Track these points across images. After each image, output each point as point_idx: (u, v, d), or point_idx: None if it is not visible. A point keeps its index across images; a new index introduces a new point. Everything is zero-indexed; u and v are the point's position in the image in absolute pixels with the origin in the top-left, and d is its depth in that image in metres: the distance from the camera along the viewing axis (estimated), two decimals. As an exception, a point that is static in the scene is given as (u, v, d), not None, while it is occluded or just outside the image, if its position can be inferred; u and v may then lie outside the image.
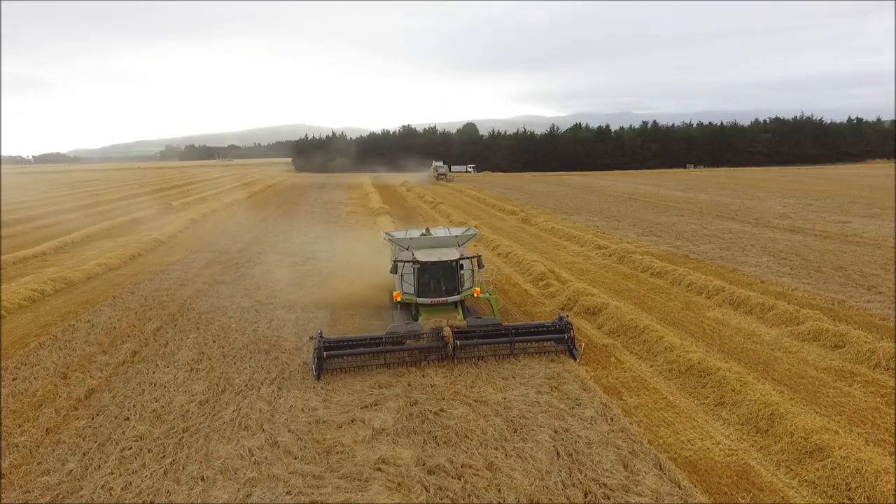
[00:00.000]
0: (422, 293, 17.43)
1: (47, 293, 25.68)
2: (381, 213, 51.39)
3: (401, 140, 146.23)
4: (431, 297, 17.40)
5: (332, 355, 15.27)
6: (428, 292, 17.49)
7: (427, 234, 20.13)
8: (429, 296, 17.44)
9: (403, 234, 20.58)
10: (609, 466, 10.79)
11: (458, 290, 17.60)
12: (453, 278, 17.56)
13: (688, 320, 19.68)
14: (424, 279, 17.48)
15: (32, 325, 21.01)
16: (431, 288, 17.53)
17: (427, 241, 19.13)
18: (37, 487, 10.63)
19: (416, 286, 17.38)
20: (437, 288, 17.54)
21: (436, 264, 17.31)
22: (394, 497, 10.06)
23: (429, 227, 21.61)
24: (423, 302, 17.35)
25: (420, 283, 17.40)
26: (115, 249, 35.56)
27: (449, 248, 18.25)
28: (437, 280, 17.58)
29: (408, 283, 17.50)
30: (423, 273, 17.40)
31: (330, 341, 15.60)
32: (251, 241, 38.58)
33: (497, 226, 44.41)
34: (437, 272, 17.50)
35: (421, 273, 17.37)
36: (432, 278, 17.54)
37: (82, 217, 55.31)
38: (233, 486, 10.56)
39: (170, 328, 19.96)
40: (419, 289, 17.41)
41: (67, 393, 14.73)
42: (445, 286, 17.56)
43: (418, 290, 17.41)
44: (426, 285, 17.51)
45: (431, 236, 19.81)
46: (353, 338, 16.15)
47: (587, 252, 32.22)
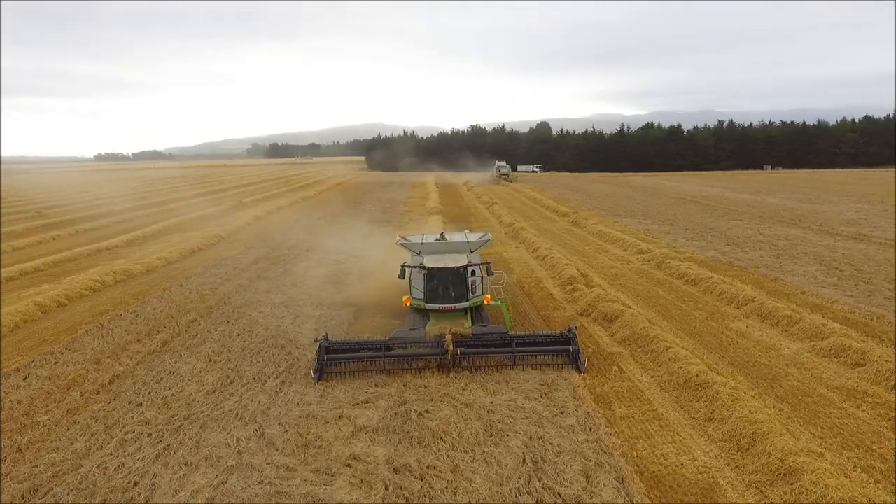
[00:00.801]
0: (430, 299, 17.32)
1: (108, 284, 27.58)
2: (435, 212, 51.91)
3: (469, 139, 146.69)
4: (439, 303, 17.26)
5: (332, 359, 15.54)
6: (436, 298, 17.33)
7: (441, 239, 20.00)
8: (437, 301, 17.29)
9: (419, 238, 20.45)
10: (570, 476, 10.74)
11: (466, 296, 17.37)
12: (462, 285, 17.34)
13: (708, 331, 19.06)
14: (433, 285, 17.33)
15: (87, 313, 22.68)
16: (440, 294, 17.35)
17: (438, 246, 19.09)
18: (43, 463, 11.64)
19: (425, 291, 17.32)
20: (445, 294, 17.36)
21: (443, 270, 17.24)
22: (353, 493, 10.41)
23: (443, 231, 21.49)
24: (430, 308, 17.33)
25: (428, 288, 17.30)
26: (178, 244, 37.66)
27: (459, 254, 18.08)
28: (446, 286, 17.38)
29: (417, 289, 17.55)
30: (430, 279, 17.30)
31: (334, 344, 15.85)
32: (303, 239, 39.89)
33: (545, 227, 44.05)
34: (445, 278, 17.30)
35: (429, 279, 17.27)
36: (441, 284, 17.34)
37: (159, 212, 58.71)
38: (212, 472, 11.20)
39: (203, 321, 21.09)
40: (427, 294, 17.32)
41: (95, 378, 15.93)
42: (454, 292, 17.38)
43: (426, 295, 17.33)
44: (435, 291, 17.34)
45: (443, 242, 19.68)
46: (355, 342, 16.29)
47: (628, 256, 31.55)
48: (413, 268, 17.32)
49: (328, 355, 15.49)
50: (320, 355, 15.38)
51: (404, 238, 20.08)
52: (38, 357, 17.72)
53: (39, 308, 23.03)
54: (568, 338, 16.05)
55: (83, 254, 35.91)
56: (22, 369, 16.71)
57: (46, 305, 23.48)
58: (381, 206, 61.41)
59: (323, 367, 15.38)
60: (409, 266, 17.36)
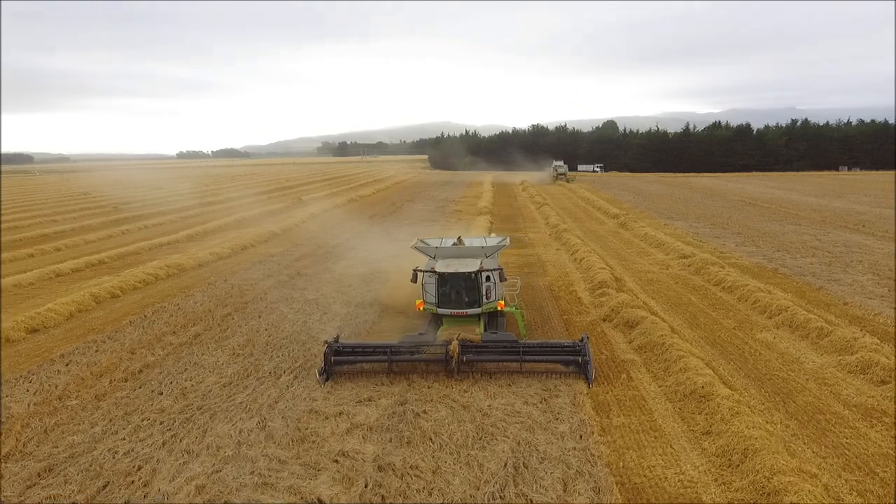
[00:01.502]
0: (442, 304, 17.13)
1: (160, 277, 29.08)
2: (483, 213, 51.91)
3: (530, 138, 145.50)
4: (451, 309, 17.09)
5: (339, 361, 15.63)
6: (448, 303, 17.12)
7: (459, 244, 19.81)
8: (449, 307, 17.10)
9: (438, 242, 20.18)
10: (548, 484, 10.70)
11: (479, 302, 17.07)
12: (474, 290, 17.02)
13: (731, 341, 18.43)
14: (445, 290, 17.08)
15: (135, 305, 24.04)
16: (452, 299, 17.11)
17: (452, 250, 18.80)
18: (63, 444, 12.52)
19: (437, 296, 17.13)
20: (457, 299, 17.10)
21: (454, 275, 16.95)
22: (334, 488, 10.72)
23: (461, 235, 21.08)
24: (442, 312, 17.16)
25: (440, 293, 17.10)
26: (231, 240, 39.20)
27: (472, 259, 17.61)
28: (458, 291, 17.10)
29: (429, 293, 17.38)
30: (442, 283, 17.06)
31: (343, 347, 15.93)
32: (350, 237, 40.78)
33: (592, 229, 43.39)
34: (458, 283, 17.02)
35: (440, 283, 17.06)
36: (453, 289, 17.07)
37: (224, 209, 61.16)
38: (210, 461, 11.75)
39: (237, 315, 21.99)
40: (439, 299, 17.13)
41: (126, 367, 16.93)
42: (466, 298, 17.11)
43: (438, 300, 17.14)
44: (447, 296, 17.10)
45: (458, 246, 19.43)
46: (363, 344, 16.47)
47: (669, 261, 30.73)
48: (424, 272, 17.22)
49: (334, 357, 15.58)
50: (327, 357, 15.50)
51: (423, 241, 19.83)
52: (81, 345, 18.97)
53: (94, 298, 24.56)
54: (578, 348, 15.49)
55: (146, 248, 37.93)
56: (66, 356, 17.93)
57: (101, 296, 25.02)
58: (432, 206, 61.91)
59: (330, 369, 15.53)
60: (421, 270, 17.26)
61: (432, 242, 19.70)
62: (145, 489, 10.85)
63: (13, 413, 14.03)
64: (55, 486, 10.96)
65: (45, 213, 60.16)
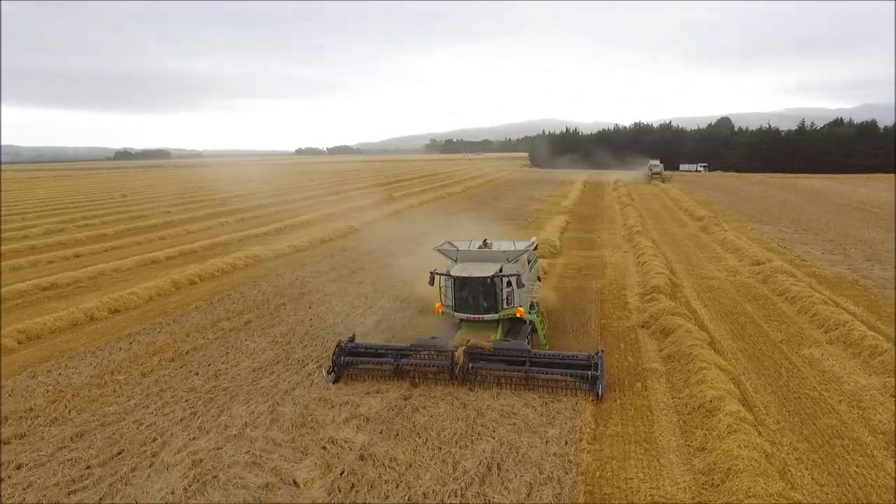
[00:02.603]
0: (459, 308, 16.72)
1: (238, 267, 31.16)
2: (563, 212, 51.08)
3: (631, 136, 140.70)
4: (467, 313, 16.64)
5: (347, 361, 15.66)
6: (466, 308, 16.63)
7: (484, 247, 19.17)
8: (466, 311, 16.64)
9: (466, 244, 19.40)
10: (514, 487, 10.69)
11: (496, 308, 16.44)
12: (491, 296, 16.35)
13: (772, 355, 17.30)
14: (462, 294, 16.59)
15: (207, 292, 25.98)
16: (469, 304, 16.59)
17: (473, 254, 18.06)
18: (99, 413, 13.96)
19: (454, 300, 16.73)
20: (475, 304, 16.55)
21: (469, 280, 16.37)
22: (312, 473, 11.29)
23: (486, 238, 20.17)
24: (459, 317, 16.86)
25: (457, 297, 16.66)
26: (313, 233, 41.16)
27: (490, 264, 16.88)
28: (475, 296, 16.51)
29: (446, 297, 16.96)
30: (460, 288, 16.57)
31: (356, 347, 16.01)
32: (424, 234, 41.33)
33: (670, 231, 41.63)
34: (476, 288, 16.40)
35: (457, 288, 16.59)
36: (471, 294, 16.52)
37: (318, 203, 64.08)
38: (215, 438, 12.71)
39: (291, 305, 23.25)
40: (456, 303, 16.73)
41: (177, 348, 18.46)
42: (484, 303, 16.48)
43: (455, 304, 16.75)
44: (464, 300, 16.61)
45: (478, 250, 18.60)
46: (374, 345, 16.42)
47: (740, 267, 29.02)
48: (441, 275, 16.78)
49: (345, 357, 15.64)
50: (336, 358, 15.55)
51: (451, 243, 19.28)
52: (149, 326, 20.86)
53: (174, 285, 26.80)
54: (591, 362, 14.63)
55: (236, 239, 40.63)
56: (132, 335, 19.81)
57: (181, 283, 27.25)
58: (516, 204, 61.66)
59: (340, 370, 15.58)
60: (438, 273, 16.80)
61: (460, 245, 19.22)
62: (152, 459, 11.93)
63: (72, 383, 15.80)
64: (80, 450, 12.30)
65: (161, 205, 65.65)
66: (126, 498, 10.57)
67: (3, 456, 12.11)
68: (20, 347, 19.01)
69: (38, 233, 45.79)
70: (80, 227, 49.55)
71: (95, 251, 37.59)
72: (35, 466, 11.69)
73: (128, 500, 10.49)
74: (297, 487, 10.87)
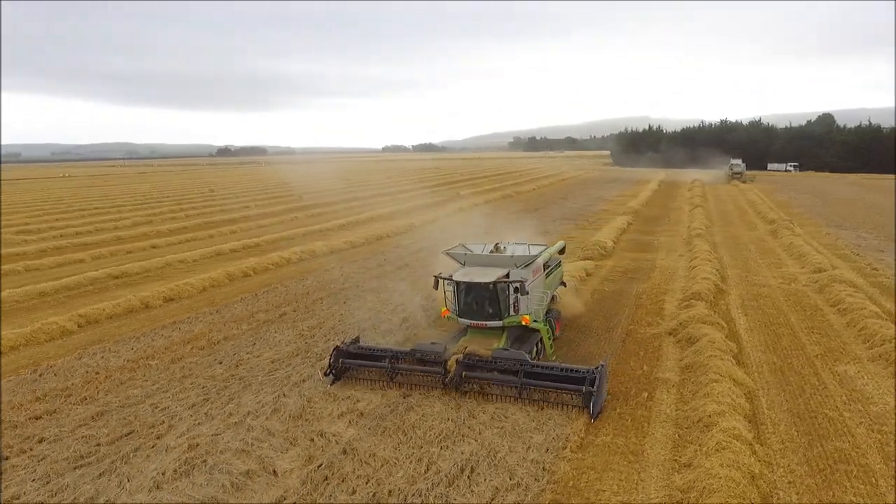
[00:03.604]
0: (462, 313, 16.17)
1: (292, 261, 32.38)
2: (627, 213, 49.57)
3: (717, 134, 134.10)
4: (471, 319, 16.06)
5: (346, 364, 15.49)
6: (469, 313, 16.06)
7: (495, 251, 17.99)
8: (469, 317, 16.07)
9: (481, 247, 18.33)
10: (479, 490, 10.63)
11: (499, 314, 15.82)
12: (495, 302, 15.73)
13: (800, 370, 16.19)
14: (466, 299, 16.06)
15: (256, 284, 27.19)
16: (473, 309, 16.01)
17: (481, 258, 17.13)
18: (122, 395, 15.00)
19: (457, 305, 16.22)
20: (479, 310, 15.96)
21: (469, 285, 15.81)
22: (292, 463, 11.69)
23: (499, 242, 18.58)
24: (463, 322, 16.34)
25: (462, 302, 16.12)
26: (372, 230, 42.06)
27: (494, 269, 15.96)
28: (479, 302, 15.93)
29: (450, 301, 16.45)
30: (463, 293, 16.03)
31: (361, 348, 15.80)
32: (476, 233, 41.13)
33: (735, 235, 39.54)
34: (480, 293, 15.82)
35: (459, 292, 16.04)
36: (475, 299, 15.95)
37: (389, 199, 65.22)
38: (217, 425, 13.36)
39: (327, 300, 23.94)
40: (460, 308, 16.20)
41: (210, 337, 19.48)
42: (488, 309, 15.87)
43: (459, 309, 16.23)
44: (469, 306, 16.05)
45: (485, 254, 17.46)
46: (372, 348, 16.00)
47: (799, 274, 27.23)
48: (444, 279, 16.31)
49: (343, 360, 15.50)
50: (334, 360, 15.39)
51: (465, 246, 18.52)
52: (193, 315, 22.11)
53: (228, 276, 28.21)
54: (586, 378, 13.63)
55: (300, 234, 42.18)
56: (176, 324, 21.09)
57: (234, 275, 28.64)
58: (582, 204, 60.42)
59: (339, 370, 15.44)
60: (442, 277, 16.37)
61: (475, 248, 18.17)
62: (156, 441, 12.72)
63: (109, 366, 17.06)
64: (96, 428, 13.30)
65: (243, 200, 68.89)
66: (120, 476, 11.34)
67: (31, 430, 13.27)
68: (79, 330, 20.65)
69: (126, 224, 49.38)
70: (166, 219, 53.01)
71: (172, 243, 40.12)
72: (54, 441, 12.74)
73: (120, 479, 11.23)
74: (275, 476, 11.29)
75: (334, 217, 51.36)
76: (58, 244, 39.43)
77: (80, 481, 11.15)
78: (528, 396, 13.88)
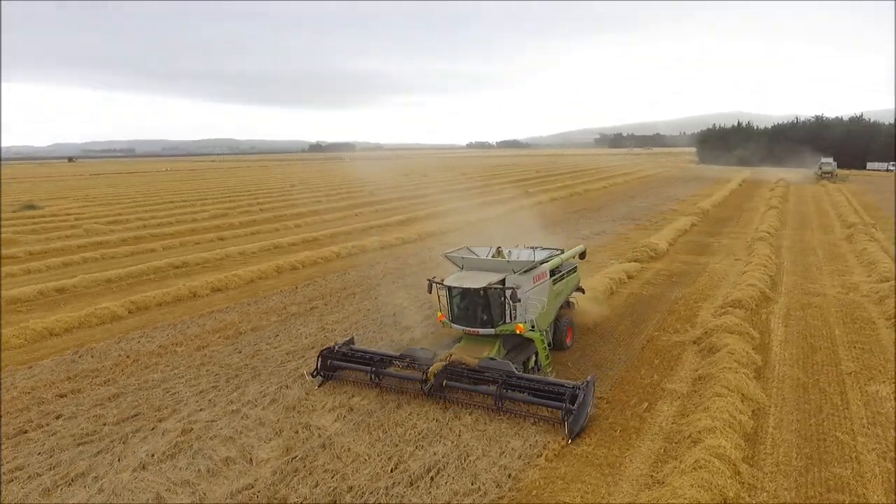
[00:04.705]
0: (456, 319, 15.56)
1: (342, 256, 33.18)
2: (695, 214, 47.24)
3: (812, 131, 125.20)
4: (463, 326, 15.44)
5: (335, 366, 15.40)
6: (463, 319, 15.44)
7: (497, 255, 17.12)
8: (462, 323, 15.44)
9: (487, 251, 17.31)
10: (438, 493, 10.49)
11: (492, 322, 15.10)
12: (487, 308, 15.04)
13: (828, 387, 14.93)
14: (460, 305, 15.47)
15: (300, 278, 28.06)
16: (467, 315, 15.40)
17: (477, 262, 16.19)
18: (141, 380, 15.85)
19: (450, 310, 15.63)
20: (472, 316, 15.32)
21: (459, 290, 15.20)
22: (272, 452, 12.02)
23: (500, 246, 17.50)
24: (456, 328, 15.71)
25: (453, 308, 15.54)
26: (426, 227, 42.38)
27: (487, 274, 15.27)
28: (471, 308, 15.30)
29: (444, 306, 15.84)
30: (457, 298, 15.45)
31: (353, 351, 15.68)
32: (527, 232, 40.62)
33: (806, 239, 36.87)
34: (472, 299, 15.17)
35: (452, 298, 15.47)
36: (468, 305, 15.34)
37: (453, 197, 65.37)
38: (216, 412, 13.93)
39: (359, 295, 24.37)
40: (453, 314, 15.60)
41: (240, 327, 20.31)
42: (481, 316, 15.18)
43: (451, 315, 15.64)
44: (462, 311, 15.45)
45: (480, 258, 16.43)
46: (360, 351, 15.78)
47: (861, 284, 25.05)
48: (436, 283, 15.70)
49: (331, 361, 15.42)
50: (323, 361, 15.35)
51: (470, 249, 17.39)
52: (232, 305, 23.14)
53: (276, 269, 29.29)
54: (566, 394, 12.82)
55: (358, 229, 43.08)
56: (214, 313, 22.14)
57: (283, 268, 29.70)
58: (650, 203, 58.20)
59: (326, 370, 15.37)
60: (435, 281, 15.77)
61: (480, 252, 17.17)
62: (157, 424, 13.43)
63: (140, 350, 18.17)
64: (108, 408, 14.21)
65: (317, 195, 71.06)
66: (114, 455, 12.06)
67: (53, 406, 14.37)
68: (128, 316, 22.10)
69: (204, 216, 52.22)
70: (241, 212, 55.57)
71: (238, 235, 42.08)
72: (69, 418, 13.74)
73: (113, 458, 11.94)
74: (251, 465, 11.66)
75: (396, 213, 52.04)
76: (138, 234, 42.24)
77: (78, 457, 11.96)
78: (505, 409, 13.21)
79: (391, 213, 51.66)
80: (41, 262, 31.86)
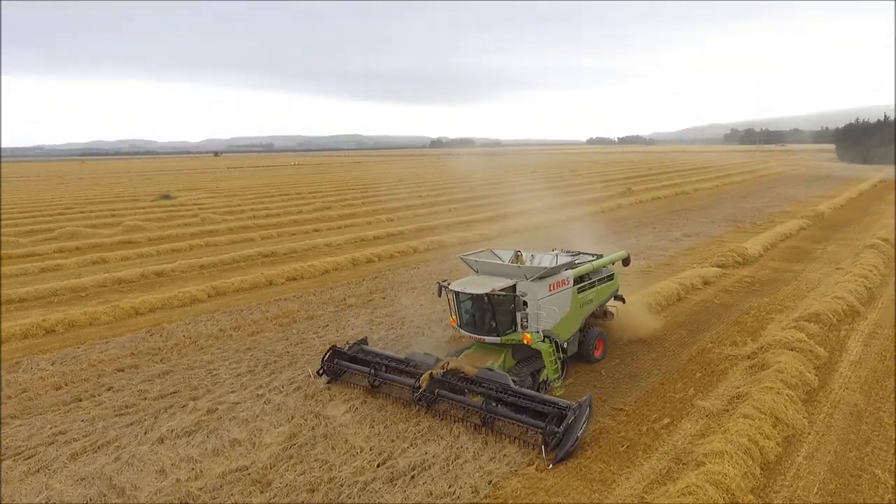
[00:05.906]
0: (464, 325, 15.00)
1: (418, 251, 33.64)
2: (808, 217, 42.92)
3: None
4: (470, 332, 14.83)
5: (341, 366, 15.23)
6: (471, 326, 14.89)
7: (516, 259, 16.33)
8: (471, 330, 14.84)
9: (508, 254, 16.70)
10: (412, 493, 10.38)
11: (498, 330, 14.39)
12: (494, 316, 14.37)
13: (886, 420, 13.08)
14: (468, 310, 14.96)
15: (369, 271, 28.75)
16: (475, 322, 14.83)
17: (489, 266, 15.48)
18: (160, 370, 16.29)
19: (459, 315, 15.07)
20: (480, 323, 14.73)
21: (465, 296, 14.64)
22: (276, 438, 12.47)
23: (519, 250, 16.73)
24: (465, 334, 15.13)
25: (461, 313, 15.02)
26: (509, 224, 41.77)
27: (501, 280, 14.49)
28: (479, 314, 14.73)
29: (453, 310, 15.26)
30: (466, 303, 14.92)
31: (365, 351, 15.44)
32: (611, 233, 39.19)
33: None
34: (480, 305, 14.60)
35: (460, 303, 14.93)
36: (476, 311, 14.79)
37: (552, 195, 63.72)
38: (244, 395, 14.62)
39: (420, 289, 24.58)
40: (462, 319, 15.05)
41: (295, 316, 21.25)
42: (488, 323, 14.55)
43: (460, 320, 15.09)
44: (471, 317, 14.91)
45: (492, 263, 15.75)
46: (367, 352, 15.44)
47: (981, 302, 21.68)
48: (445, 287, 15.05)
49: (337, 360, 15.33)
50: (329, 361, 15.29)
51: (493, 251, 16.98)
52: (298, 294, 24.27)
53: (352, 261, 30.36)
54: (550, 414, 11.79)
55: (444, 224, 43.34)
56: (279, 301, 23.31)
57: (359, 260, 30.74)
58: (761, 204, 53.67)
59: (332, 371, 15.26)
60: (444, 285, 15.13)
61: (503, 254, 16.60)
62: (189, 402, 14.35)
63: (202, 332, 19.51)
64: (154, 384, 15.42)
65: (420, 190, 72.21)
66: (143, 428, 13.06)
67: (109, 380, 15.80)
68: (207, 300, 23.79)
69: (309, 209, 54.97)
70: (344, 206, 57.80)
71: (332, 227, 43.84)
72: (117, 391, 15.08)
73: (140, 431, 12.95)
74: (253, 448, 12.18)
75: (489, 209, 51.64)
76: (245, 224, 45.30)
77: (111, 426, 13.11)
78: (490, 424, 12.36)
79: (484, 209, 51.40)
80: (154, 248, 35.13)
